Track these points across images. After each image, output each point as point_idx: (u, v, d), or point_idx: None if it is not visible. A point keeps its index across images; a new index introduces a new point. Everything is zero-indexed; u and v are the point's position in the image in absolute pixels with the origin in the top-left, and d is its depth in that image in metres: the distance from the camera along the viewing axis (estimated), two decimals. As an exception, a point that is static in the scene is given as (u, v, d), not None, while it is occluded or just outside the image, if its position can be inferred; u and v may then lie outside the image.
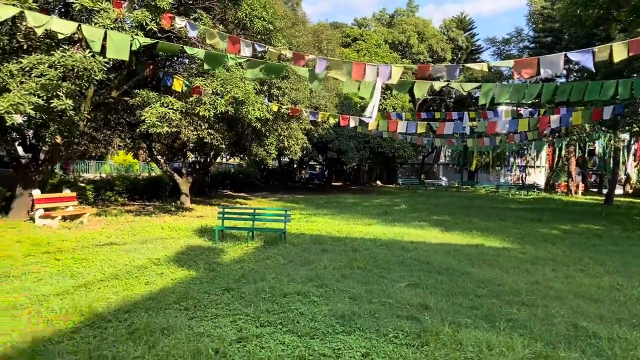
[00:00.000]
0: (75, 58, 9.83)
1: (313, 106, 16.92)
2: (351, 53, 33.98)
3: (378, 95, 9.36)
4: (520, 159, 41.96)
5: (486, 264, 8.68)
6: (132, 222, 12.92)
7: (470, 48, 49.89)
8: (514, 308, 5.80)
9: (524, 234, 13.01)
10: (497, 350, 4.31)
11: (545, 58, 8.61)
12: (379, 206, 21.28)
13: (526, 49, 35.46)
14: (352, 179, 46.66)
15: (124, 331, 4.54)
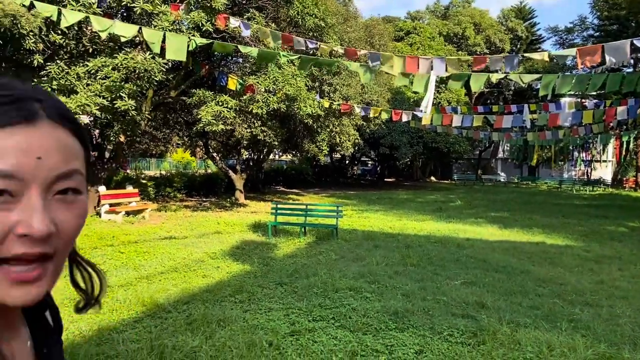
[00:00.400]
0: (137, 60, 10.27)
1: (365, 102, 16.83)
2: (404, 47, 33.49)
3: (432, 89, 9.17)
4: (585, 153, 39.87)
5: (548, 262, 8.32)
6: (190, 217, 13.37)
7: (531, 38, 47.86)
8: (577, 308, 5.52)
9: (589, 232, 12.35)
10: (558, 351, 4.12)
11: (610, 45, 8.11)
12: (433, 202, 20.89)
13: (590, 38, 33.65)
14: (405, 174, 46.07)
15: (183, 322, 4.70)
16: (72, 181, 0.56)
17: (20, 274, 0.52)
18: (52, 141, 0.55)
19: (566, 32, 36.83)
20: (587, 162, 40.39)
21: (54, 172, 0.54)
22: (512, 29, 44.86)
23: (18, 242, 0.52)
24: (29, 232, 0.51)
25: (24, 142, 0.52)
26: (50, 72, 9.78)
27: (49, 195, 0.54)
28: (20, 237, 0.52)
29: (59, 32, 9.89)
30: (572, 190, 33.07)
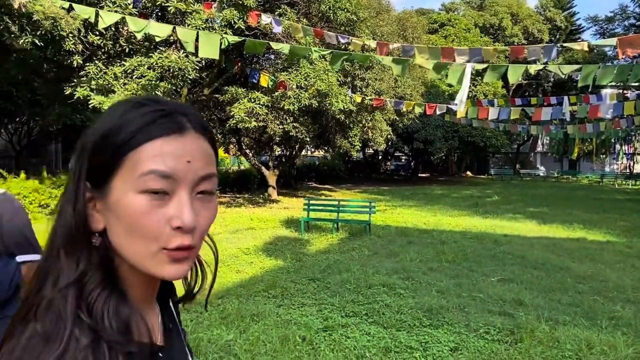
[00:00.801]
0: (171, 59, 10.48)
1: (398, 96, 16.64)
2: (438, 39, 32.93)
3: (468, 82, 8.96)
4: (627, 146, 38.25)
5: (588, 259, 8.04)
6: (224, 213, 13.56)
7: (570, 28, 46.22)
8: (618, 305, 5.32)
9: (631, 227, 11.86)
10: (598, 349, 3.98)
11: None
12: (468, 197, 20.51)
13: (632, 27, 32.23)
14: (439, 170, 45.39)
15: (218, 316, 4.77)
16: (210, 183, 0.67)
17: (177, 254, 0.63)
18: (197, 148, 0.66)
19: (607, 21, 35.44)
20: (629, 155, 38.75)
21: (199, 174, 0.65)
22: (550, 18, 43.41)
23: (174, 235, 0.62)
24: (182, 225, 0.62)
25: (178, 148, 0.63)
26: (89, 72, 10.09)
27: (192, 195, 0.65)
28: (175, 229, 0.62)
29: (97, 33, 10.19)
30: (614, 184, 31.86)
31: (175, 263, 0.64)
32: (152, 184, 0.62)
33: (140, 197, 0.62)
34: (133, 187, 0.62)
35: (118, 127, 0.64)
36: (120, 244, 0.64)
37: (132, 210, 0.62)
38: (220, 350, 3.90)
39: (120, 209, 0.63)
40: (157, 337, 0.73)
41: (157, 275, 0.65)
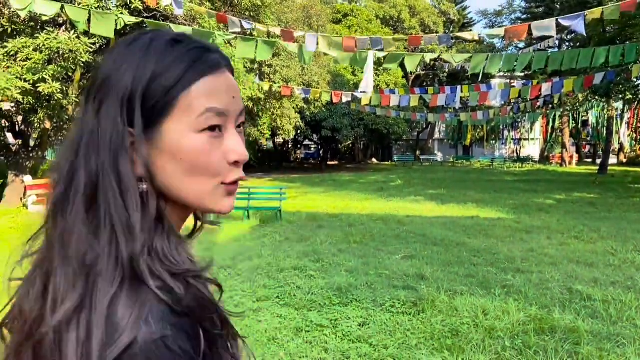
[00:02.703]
0: (60, 40, 9.67)
1: (306, 83, 16.77)
2: (342, 29, 33.57)
3: (371, 70, 9.25)
4: (514, 132, 41.93)
5: (482, 234, 8.71)
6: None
7: (462, 21, 49.39)
8: (509, 275, 5.84)
9: (519, 205, 13.05)
10: (493, 314, 4.34)
11: (536, 24, 8.49)
12: (374, 183, 21.29)
13: (518, 20, 35.22)
14: (347, 157, 46.61)
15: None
16: (243, 116, 0.69)
17: (232, 188, 0.66)
18: (235, 84, 0.67)
19: (495, 14, 38.36)
20: (516, 140, 42.52)
21: (240, 108, 0.67)
22: (444, 12, 46.08)
23: (232, 170, 0.64)
24: (239, 159, 0.64)
25: (224, 84, 0.64)
26: (-37, 53, 9.02)
27: (236, 128, 0.66)
28: (232, 164, 0.64)
29: (-29, 10, 9.12)
30: (504, 167, 34.75)
31: (229, 196, 0.66)
32: (211, 121, 0.62)
33: (201, 136, 0.62)
34: (192, 127, 0.62)
35: (164, 69, 0.61)
36: (176, 186, 0.63)
37: (194, 149, 0.62)
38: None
39: (182, 149, 0.62)
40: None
41: (214, 210, 0.66)
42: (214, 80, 0.63)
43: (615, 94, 21.56)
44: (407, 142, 49.39)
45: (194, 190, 0.63)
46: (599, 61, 9.38)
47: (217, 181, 0.64)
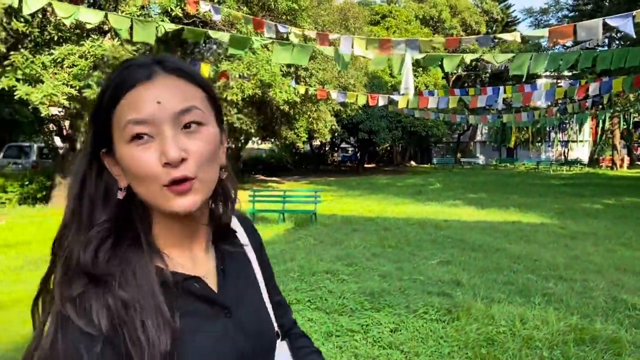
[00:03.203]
0: (105, 47, 10.00)
1: (342, 86, 16.72)
2: (380, 31, 33.36)
3: (410, 70, 9.11)
4: (561, 134, 40.47)
5: (523, 240, 8.41)
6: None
7: (506, 20, 48.16)
8: (551, 282, 5.59)
9: (564, 209, 12.54)
10: (531, 324, 4.15)
11: (582, 24, 8.13)
12: (412, 186, 21.00)
13: (565, 18, 34.01)
14: (385, 160, 46.23)
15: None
16: (192, 115, 0.72)
17: (177, 188, 0.69)
18: (167, 89, 0.71)
19: (541, 13, 37.17)
20: (564, 142, 41.02)
21: (174, 110, 0.70)
22: (487, 11, 45.05)
23: (166, 172, 0.68)
24: (167, 161, 0.68)
25: (145, 94, 0.70)
26: (14, 61, 9.46)
27: (176, 130, 0.70)
28: (165, 166, 0.68)
29: (22, 20, 9.56)
30: (550, 170, 33.59)
31: (180, 196, 0.70)
32: (132, 131, 0.69)
33: (129, 146, 0.69)
34: (122, 139, 0.70)
35: (103, 92, 0.73)
36: (137, 192, 0.72)
37: (127, 159, 0.70)
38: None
39: (122, 162, 0.71)
40: (209, 278, 0.80)
41: (168, 210, 0.71)
42: (133, 94, 0.70)
43: (669, 93, 20.41)
44: (447, 144, 48.53)
45: (146, 194, 0.71)
46: (650, 60, 8.90)
47: (157, 185, 0.69)
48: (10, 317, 4.42)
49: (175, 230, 0.78)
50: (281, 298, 0.98)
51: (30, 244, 7.92)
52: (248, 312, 0.83)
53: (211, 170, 0.75)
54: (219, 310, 0.79)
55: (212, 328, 0.76)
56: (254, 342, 0.81)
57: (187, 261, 0.79)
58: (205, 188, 0.73)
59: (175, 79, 0.72)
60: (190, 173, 0.70)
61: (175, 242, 0.79)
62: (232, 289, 0.83)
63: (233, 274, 0.85)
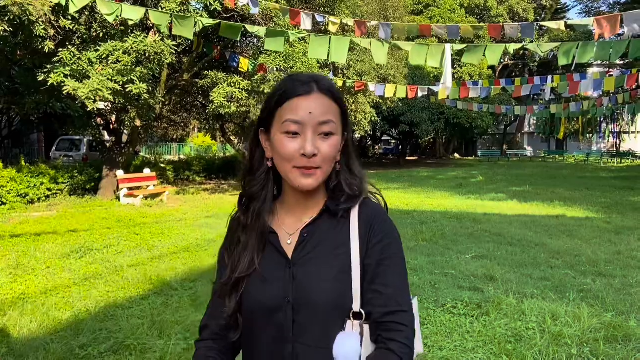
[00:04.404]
0: (146, 43, 10.30)
1: (381, 77, 16.55)
2: (423, 20, 32.70)
3: (449, 63, 8.92)
4: (613, 125, 38.59)
5: (565, 235, 8.12)
6: (207, 200, 13.51)
7: (555, 7, 46.14)
8: (589, 279, 5.38)
9: (612, 203, 11.99)
10: (562, 320, 4.02)
11: (629, 14, 7.71)
12: (453, 179, 20.60)
13: (617, 5, 32.22)
14: (427, 152, 45.50)
15: (188, 298, 4.77)
16: (328, 126, 1.02)
17: (304, 171, 1.01)
18: (319, 104, 1.02)
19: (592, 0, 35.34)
20: (615, 133, 39.11)
21: (318, 119, 1.01)
22: (536, -3, 43.29)
23: (301, 159, 1.00)
24: (304, 152, 0.99)
25: (304, 104, 1.01)
26: (63, 58, 9.90)
27: (315, 135, 1.01)
28: (301, 155, 1.00)
29: (69, 17, 9.98)
30: (600, 163, 32.16)
31: (304, 177, 1.01)
32: (287, 128, 1.01)
33: (282, 136, 1.01)
34: (279, 130, 1.02)
35: (273, 94, 1.06)
36: (277, 164, 1.06)
37: (278, 143, 1.02)
38: (185, 331, 3.89)
39: (274, 143, 1.04)
40: (293, 237, 1.09)
41: (295, 185, 1.03)
42: (296, 102, 1.01)
43: None
44: (494, 136, 47.22)
45: (283, 170, 1.04)
46: None
47: (291, 165, 1.01)
48: (50, 302, 4.68)
49: (292, 198, 1.11)
50: (383, 289, 1.02)
51: (78, 232, 8.33)
52: (308, 271, 1.04)
53: (330, 164, 1.04)
54: (285, 261, 1.07)
55: (275, 271, 1.06)
56: (302, 296, 1.03)
57: (288, 219, 1.12)
58: (322, 176, 1.03)
59: (325, 97, 1.03)
60: (317, 165, 1.00)
61: (290, 206, 1.12)
62: (304, 251, 1.06)
63: (314, 241, 1.07)
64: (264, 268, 1.06)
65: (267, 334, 1.05)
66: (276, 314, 1.03)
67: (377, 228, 1.06)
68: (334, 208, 1.07)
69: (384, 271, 1.03)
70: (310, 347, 1.02)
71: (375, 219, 1.07)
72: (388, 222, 1.09)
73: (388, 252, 1.05)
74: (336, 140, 1.03)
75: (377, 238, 1.05)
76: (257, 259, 1.07)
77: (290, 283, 1.03)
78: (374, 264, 1.03)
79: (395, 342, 0.98)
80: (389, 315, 1.00)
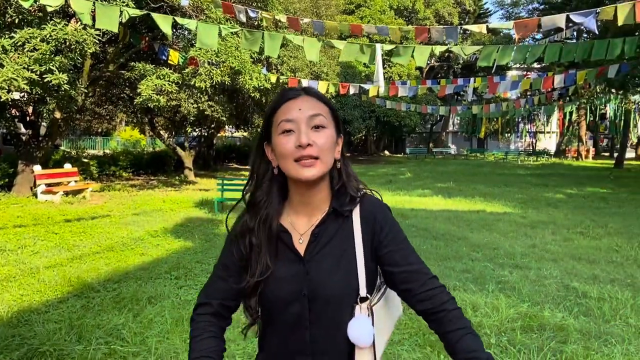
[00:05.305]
0: (67, 31, 9.71)
1: (314, 74, 16.66)
2: (355, 20, 33.27)
3: (380, 62, 9.14)
4: (530, 125, 41.33)
5: (485, 229, 8.62)
6: (135, 196, 13.00)
7: (478, 12, 48.59)
8: (506, 271, 5.76)
9: (527, 199, 12.88)
10: (482, 311, 4.28)
11: (546, 19, 8.30)
12: (383, 175, 21.18)
13: (535, 11, 34.52)
14: (359, 149, 46.42)
15: (110, 300, 4.57)
16: (318, 119, 1.12)
17: (303, 162, 1.09)
18: (306, 102, 1.13)
19: (512, 5, 37.63)
20: (532, 133, 41.90)
21: (308, 114, 1.11)
22: (460, 2, 45.32)
23: (298, 151, 1.08)
24: (299, 143, 1.08)
25: (293, 104, 1.13)
26: (-29, 44, 9.12)
27: (309, 128, 1.10)
28: (297, 147, 1.08)
29: (-21, 1, 9.20)
30: (518, 160, 34.32)
31: (304, 168, 1.09)
32: (283, 127, 1.11)
33: (280, 136, 1.11)
34: (277, 132, 1.13)
35: (269, 107, 1.18)
36: (281, 166, 1.14)
37: (277, 144, 1.12)
38: (107, 335, 3.73)
39: (275, 147, 1.14)
40: (305, 236, 1.18)
41: (297, 177, 1.10)
42: (287, 105, 1.13)
43: (632, 87, 21.06)
44: (421, 134, 49.04)
45: (285, 167, 1.12)
46: (614, 53, 9.13)
47: (291, 159, 1.09)
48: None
49: (298, 199, 1.19)
50: (410, 267, 1.16)
51: (-11, 232, 7.73)
52: (320, 267, 1.14)
53: (328, 156, 1.12)
54: (298, 259, 1.16)
55: (289, 268, 1.15)
56: (315, 287, 1.13)
57: (298, 221, 1.19)
58: (322, 167, 1.10)
59: (311, 98, 1.15)
60: (314, 153, 1.08)
61: (297, 208, 1.20)
62: (316, 248, 1.15)
63: (324, 239, 1.16)
64: (279, 267, 1.15)
65: (286, 321, 1.16)
66: (293, 305, 1.14)
67: (381, 219, 1.19)
68: (340, 209, 1.17)
69: (404, 254, 1.17)
70: (325, 331, 1.14)
71: (376, 212, 1.20)
72: (388, 212, 1.22)
73: (399, 238, 1.19)
74: (329, 132, 1.13)
75: (385, 229, 1.18)
76: (272, 262, 1.15)
77: (304, 278, 1.14)
78: (394, 251, 1.17)
79: (446, 303, 1.13)
80: (425, 285, 1.15)
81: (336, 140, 1.17)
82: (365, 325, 1.12)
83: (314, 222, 1.18)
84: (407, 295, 1.16)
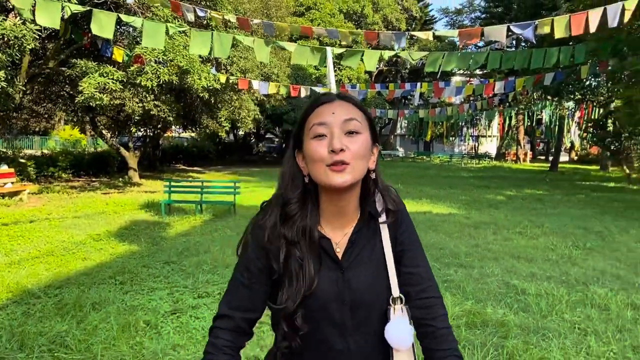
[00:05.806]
0: (5, 26, 9.21)
1: (265, 75, 16.58)
2: (305, 22, 33.38)
3: (331, 66, 9.22)
4: (473, 129, 42.94)
5: (432, 230, 8.88)
6: (76, 199, 12.46)
7: (424, 18, 49.98)
8: (452, 270, 5.97)
9: (471, 200, 13.38)
10: (429, 310, 4.41)
11: (489, 29, 8.69)
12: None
13: (478, 20, 35.93)
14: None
15: (52, 307, 4.37)
16: (352, 124, 1.09)
17: (335, 168, 1.05)
18: (340, 106, 1.10)
19: (456, 13, 39.00)
20: (474, 137, 43.53)
21: (342, 118, 1.08)
22: (407, 8, 46.47)
23: (331, 157, 1.05)
24: (332, 149, 1.04)
25: (327, 108, 1.10)
26: None
27: (342, 133, 1.07)
28: (330, 152, 1.05)
29: None
30: (461, 163, 35.56)
31: (336, 174, 1.05)
32: (315, 131, 1.08)
33: (312, 141, 1.08)
34: (309, 137, 1.10)
35: (302, 113, 1.15)
36: (312, 173, 1.10)
37: (309, 149, 1.09)
38: (50, 343, 3.57)
39: (307, 151, 1.10)
40: (340, 244, 1.17)
41: (328, 184, 1.07)
42: (320, 109, 1.11)
43: (566, 93, 22.33)
44: (370, 137, 49.66)
45: (316, 173, 1.09)
46: (551, 61, 9.68)
47: (323, 165, 1.06)
48: None
49: (331, 209, 1.16)
50: (416, 270, 1.20)
51: None
52: (358, 273, 1.14)
53: (362, 164, 1.09)
54: (337, 266, 1.15)
55: (331, 276, 1.14)
56: (356, 294, 1.13)
57: (332, 231, 1.17)
58: (355, 173, 1.07)
59: (344, 103, 1.12)
60: (347, 159, 1.05)
61: (330, 217, 1.17)
62: (352, 255, 1.15)
63: (359, 245, 1.17)
64: (321, 276, 1.13)
65: (327, 327, 1.14)
66: (334, 312, 1.13)
67: (400, 216, 1.22)
68: (376, 216, 1.19)
69: (413, 255, 1.21)
70: (364, 337, 1.15)
71: (400, 215, 1.23)
72: (406, 210, 1.26)
73: (412, 238, 1.23)
74: (363, 138, 1.09)
75: (402, 228, 1.21)
76: (315, 275, 1.12)
77: (344, 286, 1.14)
78: (405, 250, 1.20)
79: (438, 318, 1.19)
80: (425, 291, 1.19)
81: (371, 148, 1.14)
82: (404, 327, 1.12)
83: (346, 231, 1.17)
84: (405, 297, 1.17)
